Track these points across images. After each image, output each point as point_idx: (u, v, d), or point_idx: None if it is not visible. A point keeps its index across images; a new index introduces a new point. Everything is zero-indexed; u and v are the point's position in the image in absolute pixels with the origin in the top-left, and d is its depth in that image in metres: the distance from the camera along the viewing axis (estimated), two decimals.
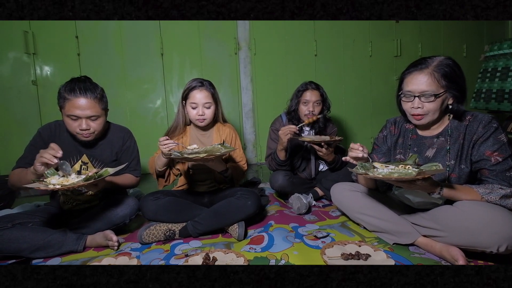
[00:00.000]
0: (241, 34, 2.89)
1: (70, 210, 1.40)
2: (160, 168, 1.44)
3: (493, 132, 1.05)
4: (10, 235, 1.16)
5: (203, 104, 1.45)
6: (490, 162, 1.04)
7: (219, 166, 1.42)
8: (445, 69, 1.06)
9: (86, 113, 1.25)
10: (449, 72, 1.06)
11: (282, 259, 1.14)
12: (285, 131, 1.62)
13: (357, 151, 1.11)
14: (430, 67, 1.07)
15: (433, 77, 1.06)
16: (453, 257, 1.02)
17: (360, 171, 1.03)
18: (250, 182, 2.17)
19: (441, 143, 1.15)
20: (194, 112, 1.45)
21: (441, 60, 1.08)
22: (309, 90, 1.80)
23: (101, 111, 1.30)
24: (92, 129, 1.29)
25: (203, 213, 1.37)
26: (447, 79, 1.06)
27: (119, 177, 1.41)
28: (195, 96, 1.44)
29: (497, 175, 1.03)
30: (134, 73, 2.71)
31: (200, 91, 1.45)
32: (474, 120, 1.10)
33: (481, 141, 1.06)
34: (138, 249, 1.28)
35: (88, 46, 2.56)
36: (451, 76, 1.06)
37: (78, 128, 1.26)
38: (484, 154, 1.05)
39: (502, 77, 2.23)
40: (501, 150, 1.03)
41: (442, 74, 1.05)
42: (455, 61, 1.09)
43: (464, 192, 1.04)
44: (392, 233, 1.22)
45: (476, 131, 1.07)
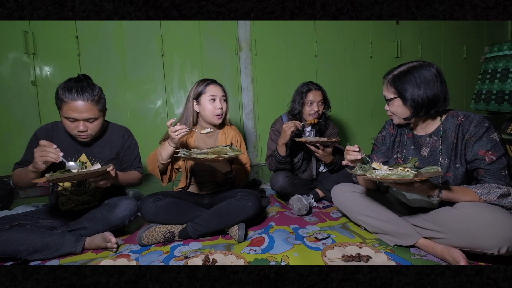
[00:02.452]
0: (242, 34, 2.89)
1: (68, 211, 1.39)
2: (163, 161, 1.40)
3: (485, 131, 1.06)
4: (8, 237, 1.15)
5: (221, 97, 1.49)
6: (484, 161, 1.05)
7: (225, 167, 1.42)
8: (395, 79, 1.15)
9: (84, 115, 1.24)
10: (398, 81, 1.15)
11: (283, 261, 1.14)
12: (289, 125, 1.64)
13: (354, 153, 1.13)
14: (388, 78, 1.19)
15: (386, 85, 1.19)
16: (455, 259, 1.02)
17: (358, 172, 1.04)
18: (251, 183, 2.16)
19: (433, 142, 1.18)
20: (213, 106, 1.47)
21: (401, 69, 1.16)
22: (313, 90, 1.82)
23: (99, 112, 1.29)
24: (90, 130, 1.29)
25: (203, 215, 1.37)
26: (395, 86, 1.15)
27: (127, 174, 1.41)
28: (213, 89, 1.48)
29: (493, 174, 1.05)
30: (135, 74, 2.70)
31: (216, 85, 1.51)
32: (466, 119, 1.11)
33: (474, 140, 1.07)
34: (137, 250, 1.27)
35: (88, 46, 2.56)
36: (398, 84, 1.14)
37: (76, 130, 1.26)
38: (478, 154, 1.06)
39: (502, 78, 2.23)
40: (494, 149, 1.05)
41: (391, 82, 1.17)
42: (419, 67, 1.13)
43: (463, 193, 1.05)
44: (393, 234, 1.22)
45: (468, 130, 1.09)
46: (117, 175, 1.27)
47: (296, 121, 1.65)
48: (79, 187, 1.38)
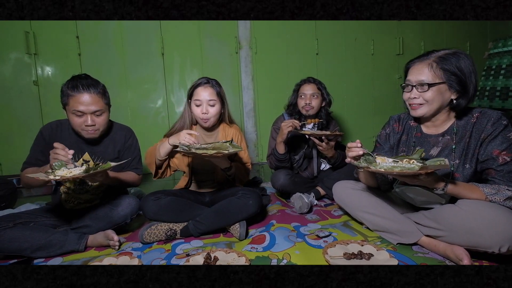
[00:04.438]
0: (242, 33, 2.89)
1: (71, 209, 1.40)
2: (161, 157, 1.41)
3: (502, 130, 1.00)
4: (12, 235, 1.17)
5: (207, 102, 1.43)
6: (497, 162, 1.00)
7: (224, 163, 1.41)
8: (445, 60, 1.04)
9: (91, 108, 1.25)
10: (448, 63, 1.03)
11: (284, 259, 1.14)
12: (287, 124, 1.64)
13: (356, 149, 1.07)
14: (431, 58, 1.06)
15: (430, 67, 1.05)
16: (458, 257, 1.00)
17: (362, 165, 1.01)
18: (252, 182, 2.17)
19: (447, 142, 1.12)
20: (198, 110, 1.44)
21: (446, 52, 1.06)
22: (306, 83, 1.85)
23: (105, 106, 1.31)
24: (98, 125, 1.30)
25: (204, 213, 1.37)
26: (445, 70, 1.04)
27: (123, 174, 1.42)
28: (199, 93, 1.43)
29: (504, 175, 1.00)
30: (135, 73, 2.71)
31: (205, 88, 1.44)
32: (482, 116, 1.05)
33: (489, 139, 1.02)
34: (139, 248, 1.28)
35: (89, 46, 2.56)
36: (450, 67, 1.03)
37: (84, 124, 1.27)
38: (492, 153, 1.01)
39: (507, 75, 2.21)
40: (509, 149, 1.00)
41: (440, 65, 1.04)
42: (463, 54, 1.05)
43: (469, 190, 1.01)
44: (395, 232, 1.20)
45: (485, 128, 1.03)
46: (107, 174, 1.27)
47: (295, 120, 1.66)
48: (81, 185, 1.40)
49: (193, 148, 1.27)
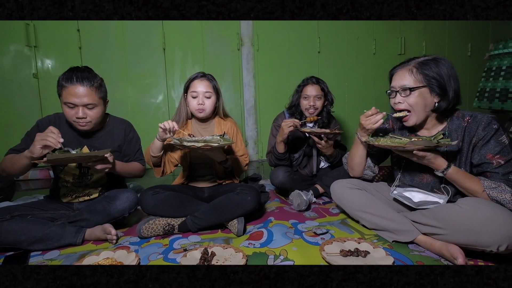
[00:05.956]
0: (244, 30, 2.87)
1: (69, 203, 1.41)
2: (154, 154, 1.43)
3: (493, 134, 1.03)
4: (9, 227, 1.17)
5: (203, 94, 1.48)
6: (492, 165, 1.03)
7: (219, 156, 1.44)
8: (424, 65, 1.09)
9: (83, 100, 1.25)
10: (428, 68, 1.08)
11: (281, 255, 1.15)
12: (288, 123, 1.64)
13: (375, 118, 1.16)
14: (411, 64, 1.12)
15: (410, 72, 1.11)
16: (453, 255, 1.01)
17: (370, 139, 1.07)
18: (251, 178, 2.18)
19: None
20: (195, 102, 1.48)
21: (426, 58, 1.11)
22: (309, 84, 1.82)
23: (98, 99, 1.30)
24: (89, 118, 1.30)
25: (203, 208, 1.38)
26: (425, 74, 1.08)
27: (129, 164, 1.43)
28: (195, 85, 1.48)
29: (500, 178, 1.02)
30: (136, 68, 2.70)
31: (201, 81, 1.50)
32: (473, 121, 1.08)
33: (482, 143, 1.04)
34: (137, 243, 1.29)
35: (90, 39, 2.55)
36: (430, 72, 1.08)
37: (75, 116, 1.27)
38: (486, 157, 1.03)
39: (507, 76, 2.20)
40: (503, 153, 1.02)
41: (420, 70, 1.09)
42: (443, 60, 1.09)
43: (469, 179, 1.03)
44: (391, 231, 1.21)
45: (476, 133, 1.05)
46: (115, 163, 1.29)
47: (295, 120, 1.65)
48: (80, 178, 1.40)
49: (185, 141, 1.28)
